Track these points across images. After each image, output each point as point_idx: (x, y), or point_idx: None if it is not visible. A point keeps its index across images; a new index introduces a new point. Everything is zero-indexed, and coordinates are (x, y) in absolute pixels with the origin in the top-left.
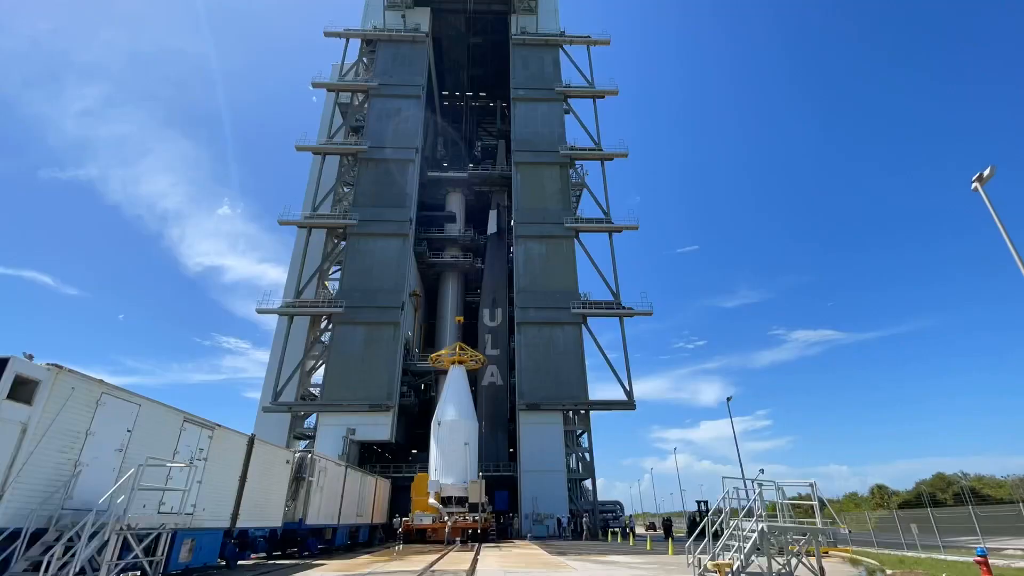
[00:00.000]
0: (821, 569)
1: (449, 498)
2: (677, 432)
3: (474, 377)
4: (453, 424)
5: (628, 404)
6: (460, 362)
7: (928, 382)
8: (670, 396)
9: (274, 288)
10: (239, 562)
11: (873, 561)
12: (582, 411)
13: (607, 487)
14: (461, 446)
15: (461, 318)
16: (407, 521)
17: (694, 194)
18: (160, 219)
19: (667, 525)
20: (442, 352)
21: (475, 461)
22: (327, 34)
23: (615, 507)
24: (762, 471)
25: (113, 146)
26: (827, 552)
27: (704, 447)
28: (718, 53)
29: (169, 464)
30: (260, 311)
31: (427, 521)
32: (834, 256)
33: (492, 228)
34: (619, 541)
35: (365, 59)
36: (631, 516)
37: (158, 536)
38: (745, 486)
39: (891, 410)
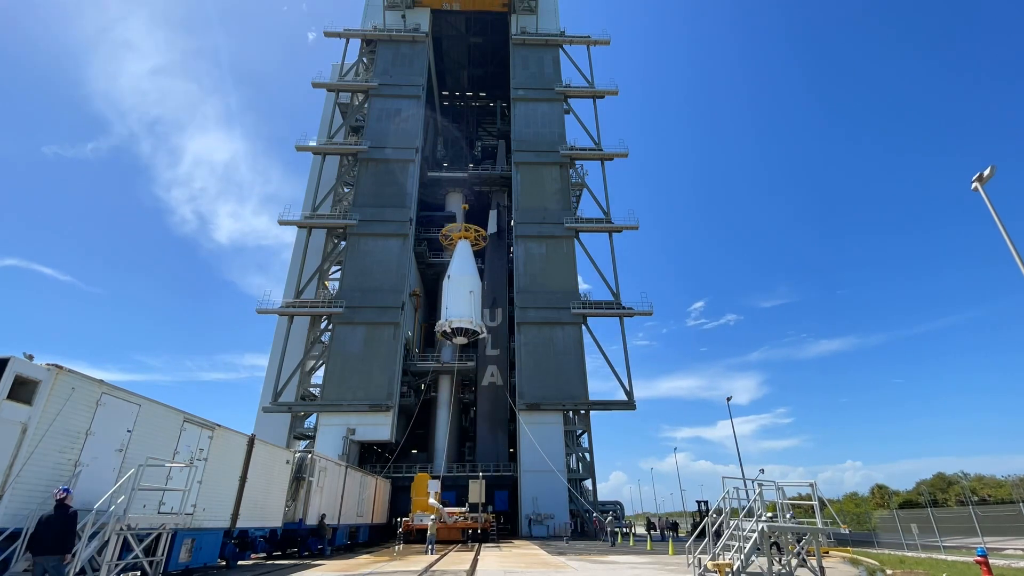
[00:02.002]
0: (821, 569)
1: (457, 329)
2: (690, 431)
3: (473, 377)
4: (460, 278)
5: (628, 404)
6: (465, 237)
7: (941, 381)
8: (704, 394)
9: (280, 248)
10: (239, 562)
11: (873, 561)
12: (582, 411)
13: (623, 485)
14: (467, 293)
15: (467, 205)
16: (407, 521)
17: (703, 193)
18: (149, 129)
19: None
20: (452, 225)
21: (478, 306)
22: (327, 34)
23: (615, 507)
24: (762, 471)
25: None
26: (827, 552)
27: (721, 445)
28: (722, 50)
29: (169, 464)
30: (260, 311)
31: (427, 521)
32: (843, 254)
33: (492, 228)
34: (619, 542)
35: (365, 59)
36: (621, 519)
37: (158, 536)
38: (745, 486)
39: (909, 408)
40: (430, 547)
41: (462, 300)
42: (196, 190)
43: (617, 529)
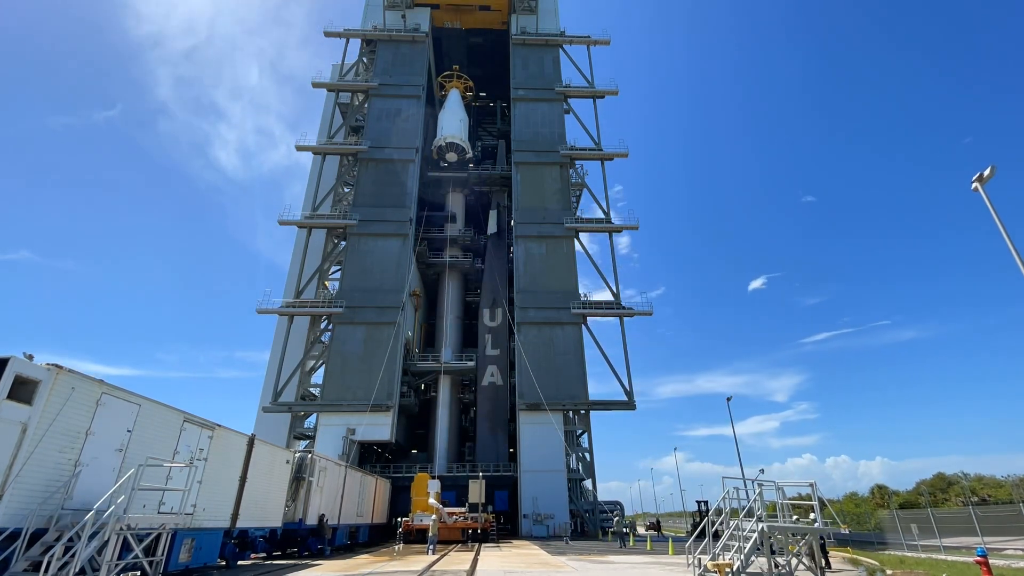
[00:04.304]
0: (821, 569)
1: (450, 144)
2: (708, 429)
3: (473, 377)
4: (453, 109)
5: (628, 404)
6: (456, 87)
7: (949, 381)
8: (742, 391)
9: (295, 171)
10: (239, 562)
11: (873, 561)
12: (582, 411)
13: (639, 483)
14: (458, 121)
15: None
16: (407, 521)
17: (703, 192)
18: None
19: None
20: (447, 74)
21: (466, 133)
22: (327, 34)
23: (615, 507)
24: (762, 471)
25: None
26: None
27: (740, 442)
28: (722, 49)
29: (169, 464)
30: (260, 311)
31: (427, 521)
32: (841, 253)
33: (492, 228)
34: (631, 543)
35: (365, 59)
36: (618, 519)
37: (158, 536)
38: (745, 486)
39: (933, 407)
40: (431, 547)
41: (455, 124)
42: (183, 71)
43: (626, 530)
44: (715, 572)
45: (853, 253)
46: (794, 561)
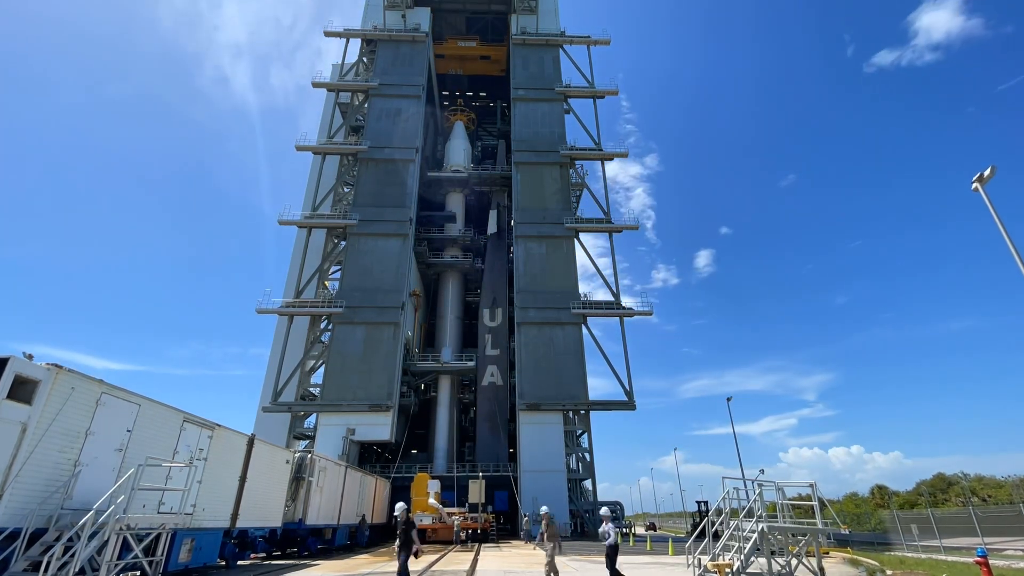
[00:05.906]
0: (821, 569)
1: (455, 169)
2: (722, 428)
3: (473, 377)
4: (456, 141)
5: (628, 404)
6: (460, 119)
7: (958, 380)
8: (774, 390)
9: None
10: (239, 562)
11: (873, 561)
12: (582, 411)
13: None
14: (462, 151)
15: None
16: None
17: (706, 190)
18: None
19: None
20: (454, 108)
21: (469, 159)
22: (327, 34)
23: (615, 507)
24: (762, 471)
25: None
26: (827, 552)
27: (753, 441)
28: (724, 47)
29: (168, 464)
30: (260, 311)
31: (427, 521)
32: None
33: (492, 228)
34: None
35: (365, 59)
36: (621, 519)
37: (158, 536)
38: (745, 486)
39: (936, 404)
40: (457, 541)
41: (460, 154)
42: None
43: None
44: (715, 572)
45: (883, 246)
46: (794, 562)
